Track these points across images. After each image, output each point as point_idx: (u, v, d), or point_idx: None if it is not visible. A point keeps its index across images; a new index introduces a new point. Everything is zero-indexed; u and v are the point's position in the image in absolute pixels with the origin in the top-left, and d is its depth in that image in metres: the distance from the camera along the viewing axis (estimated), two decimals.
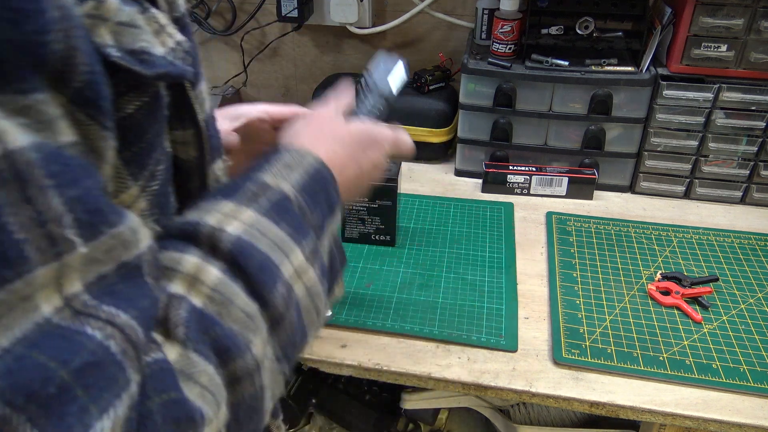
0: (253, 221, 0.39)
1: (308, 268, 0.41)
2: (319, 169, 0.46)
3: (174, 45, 0.36)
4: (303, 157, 0.46)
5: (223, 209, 0.39)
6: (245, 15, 1.26)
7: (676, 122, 1.01)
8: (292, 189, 0.43)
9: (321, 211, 0.45)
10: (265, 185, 0.42)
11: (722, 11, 0.95)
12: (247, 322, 0.36)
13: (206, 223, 0.38)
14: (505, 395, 0.72)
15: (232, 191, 0.41)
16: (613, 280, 0.87)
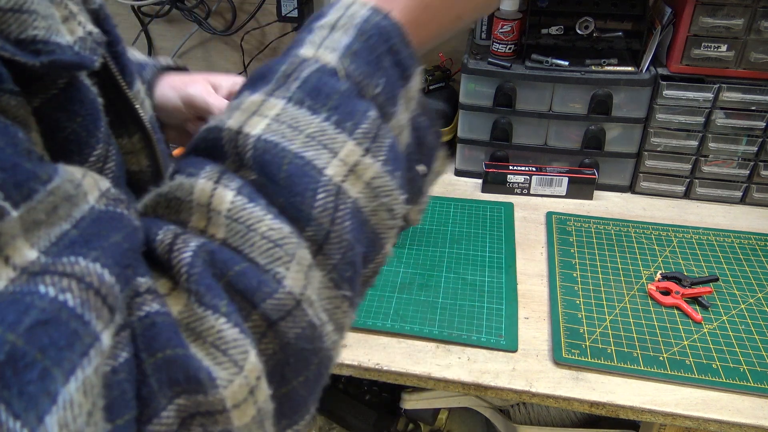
0: (281, 114, 0.32)
1: (366, 159, 0.32)
2: (375, 22, 0.35)
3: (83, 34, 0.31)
4: (349, 8, 0.36)
5: (247, 105, 0.33)
6: (245, 15, 1.26)
7: (676, 122, 1.01)
8: (338, 56, 0.34)
9: (386, 74, 0.35)
10: (300, 61, 0.34)
11: (722, 11, 0.95)
12: (275, 251, 0.29)
13: (227, 128, 0.32)
14: (505, 395, 0.72)
15: (261, 78, 0.34)
16: (613, 280, 0.87)
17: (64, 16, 0.31)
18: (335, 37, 0.34)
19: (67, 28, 0.30)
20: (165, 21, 1.32)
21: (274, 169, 0.30)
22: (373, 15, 0.35)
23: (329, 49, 0.34)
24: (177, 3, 1.25)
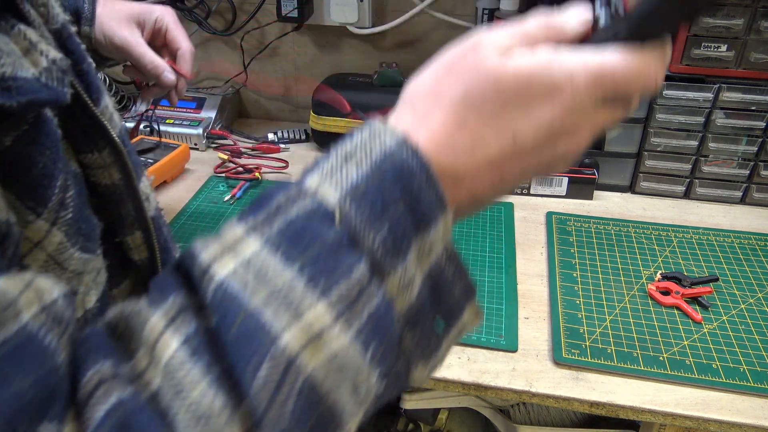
0: (253, 259, 0.27)
1: (335, 328, 0.27)
2: (399, 159, 0.29)
3: (48, 64, 0.31)
4: (375, 137, 0.30)
5: (228, 237, 0.29)
6: (245, 15, 1.26)
7: (676, 122, 1.01)
8: (341, 195, 0.28)
9: (395, 223, 0.29)
10: (298, 193, 0.29)
11: (722, 11, 0.95)
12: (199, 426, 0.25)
13: (200, 261, 0.28)
14: (505, 395, 0.72)
15: (255, 205, 0.30)
16: (613, 280, 0.87)
17: (25, 48, 0.30)
18: (346, 170, 0.29)
19: (29, 61, 0.30)
20: None
21: (228, 324, 0.26)
22: (399, 149, 0.29)
23: (334, 185, 0.29)
24: (177, 3, 1.25)
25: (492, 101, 0.31)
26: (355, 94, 1.16)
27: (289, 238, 0.28)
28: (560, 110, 0.31)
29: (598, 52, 0.31)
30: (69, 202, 0.32)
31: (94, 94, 0.36)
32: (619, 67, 0.30)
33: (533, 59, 0.31)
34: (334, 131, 1.18)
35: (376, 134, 0.30)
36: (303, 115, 1.37)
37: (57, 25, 0.35)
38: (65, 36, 0.35)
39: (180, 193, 1.08)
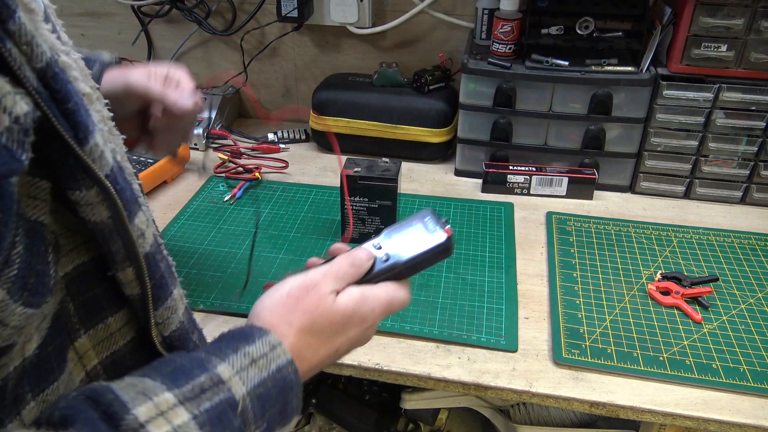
0: (182, 427, 0.36)
1: None
2: (286, 374, 0.43)
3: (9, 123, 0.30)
4: (274, 351, 0.43)
5: (159, 401, 0.36)
6: (245, 15, 1.26)
7: (676, 122, 1.01)
8: (245, 392, 0.40)
9: (269, 421, 0.42)
10: (218, 380, 0.39)
11: (722, 11, 0.95)
12: None
13: (134, 415, 0.35)
14: (505, 395, 0.72)
15: (180, 378, 0.38)
16: (613, 280, 0.87)
17: None
18: (251, 372, 0.41)
19: None
20: (165, 21, 1.32)
21: None
22: (287, 366, 0.43)
23: (242, 382, 0.40)
24: (177, 3, 1.25)
25: (327, 330, 0.48)
26: (355, 94, 1.16)
27: (210, 419, 0.38)
28: (365, 329, 0.51)
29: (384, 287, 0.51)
30: (15, 259, 0.32)
31: (81, 133, 0.35)
32: (398, 296, 0.51)
33: (351, 300, 0.49)
34: (334, 131, 1.18)
35: (276, 349, 0.44)
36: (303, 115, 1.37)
37: (41, 64, 0.33)
38: (50, 75, 0.34)
39: (180, 193, 1.08)
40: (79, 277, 0.39)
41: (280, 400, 0.42)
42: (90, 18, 1.35)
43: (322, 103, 1.17)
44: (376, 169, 0.90)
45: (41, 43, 0.33)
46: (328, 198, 1.06)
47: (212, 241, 0.95)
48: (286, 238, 0.96)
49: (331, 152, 1.22)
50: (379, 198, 0.90)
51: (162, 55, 1.37)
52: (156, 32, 1.35)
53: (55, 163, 0.35)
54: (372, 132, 1.16)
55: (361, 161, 0.92)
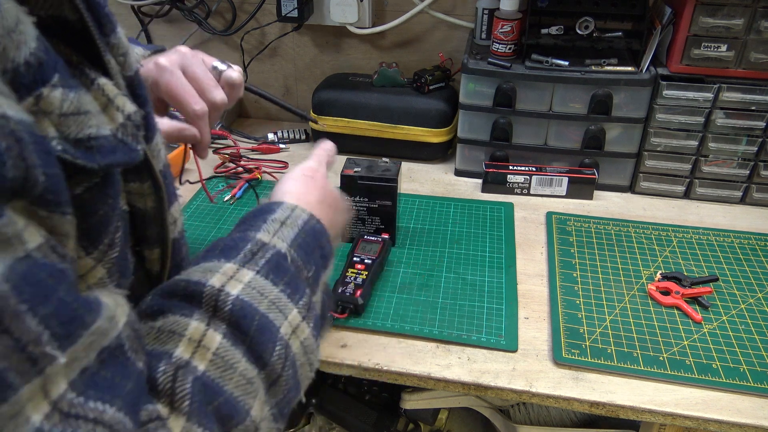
0: (252, 282, 0.42)
1: (303, 324, 0.44)
2: (312, 224, 0.50)
3: (123, 120, 0.35)
4: (295, 212, 0.50)
5: (225, 270, 0.42)
6: (245, 15, 1.26)
7: (676, 122, 1.01)
8: (287, 246, 0.46)
9: (315, 263, 0.48)
10: (262, 244, 0.45)
11: (722, 11, 0.95)
12: (247, 386, 0.38)
13: (211, 285, 0.40)
14: (505, 395, 0.72)
15: (232, 251, 0.44)
16: (613, 280, 0.87)
17: (103, 104, 0.34)
18: (285, 231, 0.47)
19: (107, 117, 0.34)
20: (165, 21, 1.32)
21: (248, 322, 0.40)
22: (311, 219, 0.50)
23: (281, 239, 0.46)
24: (177, 3, 1.25)
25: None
26: (355, 94, 1.16)
27: (271, 269, 0.44)
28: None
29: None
30: (117, 242, 0.36)
31: (150, 131, 0.40)
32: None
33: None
34: (334, 131, 1.18)
35: (295, 210, 0.50)
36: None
37: (131, 72, 0.38)
38: (136, 83, 0.38)
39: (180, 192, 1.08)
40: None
41: (316, 245, 0.49)
42: None
43: (322, 103, 1.17)
44: (376, 169, 0.90)
45: (132, 54, 0.37)
46: None
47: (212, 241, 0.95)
48: None
49: None
50: (379, 198, 0.90)
51: None
52: (156, 32, 1.35)
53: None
54: (372, 132, 1.16)
55: (361, 161, 0.92)
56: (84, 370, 0.29)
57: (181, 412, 0.34)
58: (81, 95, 0.32)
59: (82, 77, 0.33)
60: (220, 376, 0.37)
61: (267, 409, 0.40)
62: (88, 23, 0.33)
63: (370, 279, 0.82)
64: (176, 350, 0.37)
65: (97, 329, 0.30)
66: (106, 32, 0.35)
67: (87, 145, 0.32)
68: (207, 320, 0.39)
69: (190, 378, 0.36)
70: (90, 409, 0.28)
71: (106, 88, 0.34)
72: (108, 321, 0.31)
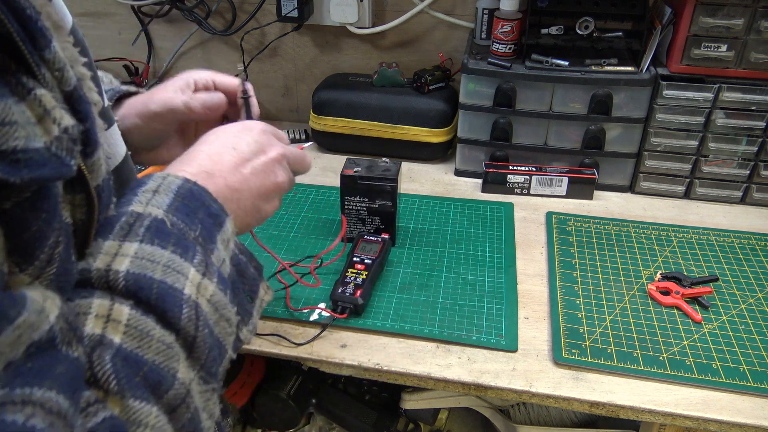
0: (138, 252, 0.40)
1: (205, 281, 0.42)
2: (187, 187, 0.47)
3: (59, 133, 0.33)
4: (165, 179, 0.47)
5: (105, 249, 0.40)
6: (245, 15, 1.26)
7: (676, 122, 1.01)
8: (163, 211, 0.44)
9: (203, 224, 0.46)
10: (137, 215, 0.43)
11: (722, 11, 0.95)
12: (168, 351, 0.38)
13: (96, 268, 0.39)
14: (505, 395, 0.72)
15: (108, 229, 0.42)
16: (613, 280, 0.87)
17: (39, 116, 0.32)
18: (158, 198, 0.45)
19: (42, 129, 0.32)
20: (165, 21, 1.32)
21: (147, 293, 0.38)
22: (185, 183, 0.47)
23: (155, 206, 0.44)
24: (177, 3, 1.25)
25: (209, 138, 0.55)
26: (355, 94, 1.16)
27: (154, 234, 0.42)
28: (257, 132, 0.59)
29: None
30: (56, 257, 0.35)
31: (90, 148, 0.39)
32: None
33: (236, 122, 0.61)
34: (334, 131, 1.18)
35: (167, 178, 0.47)
36: (303, 115, 1.37)
37: (69, 88, 0.36)
38: (75, 97, 0.37)
39: None
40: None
41: (198, 205, 0.46)
42: (90, 18, 1.35)
43: (322, 103, 1.17)
44: (376, 169, 0.90)
45: (70, 70, 0.36)
46: (328, 198, 1.06)
47: None
48: (286, 238, 0.96)
49: (331, 152, 1.22)
50: (379, 198, 0.90)
51: (162, 55, 1.37)
52: (156, 32, 1.35)
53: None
54: (372, 132, 1.16)
55: (361, 161, 0.92)
56: (9, 364, 0.28)
57: (113, 392, 0.34)
58: (9, 105, 0.31)
59: (18, 86, 0.32)
60: (138, 346, 0.37)
61: (193, 372, 0.40)
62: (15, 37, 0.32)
63: (370, 279, 0.82)
64: (85, 329, 0.36)
65: (24, 323, 0.29)
66: (40, 46, 0.34)
67: (12, 158, 0.30)
68: (109, 296, 0.38)
69: (108, 356, 0.35)
70: (16, 394, 0.28)
71: (44, 99, 0.33)
72: (36, 314, 0.30)
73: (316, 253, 0.91)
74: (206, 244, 0.45)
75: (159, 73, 1.39)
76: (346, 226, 0.93)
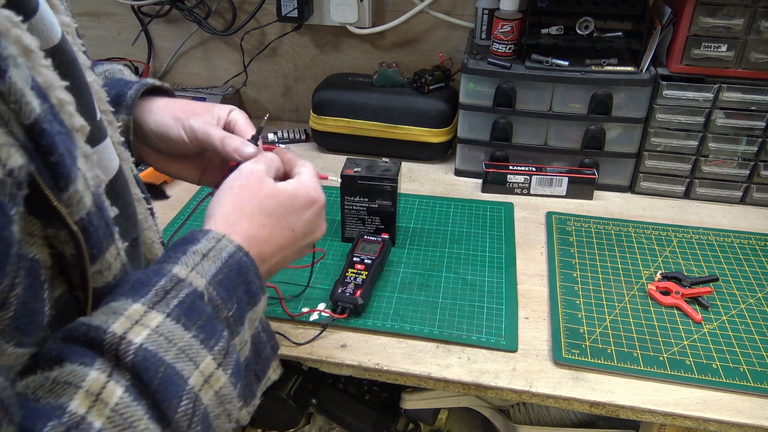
0: (160, 327, 0.39)
1: (218, 371, 0.41)
2: (238, 258, 0.46)
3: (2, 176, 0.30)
4: (220, 243, 0.46)
5: (130, 313, 0.39)
6: (245, 15, 1.26)
7: (676, 122, 1.01)
8: (206, 283, 0.43)
9: (238, 302, 0.44)
10: (177, 280, 0.42)
11: (722, 11, 0.95)
12: None
13: (112, 331, 0.37)
14: (505, 395, 0.72)
15: (141, 289, 0.40)
16: (613, 280, 0.87)
17: None
18: (205, 265, 0.44)
19: None
20: (165, 21, 1.32)
21: (151, 375, 0.37)
22: (237, 252, 0.46)
23: (200, 275, 0.43)
24: (177, 3, 1.25)
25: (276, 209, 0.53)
26: (355, 94, 1.16)
27: (183, 312, 0.40)
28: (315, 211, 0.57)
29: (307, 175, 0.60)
30: (12, 301, 0.33)
31: (62, 182, 0.35)
32: (312, 170, 0.61)
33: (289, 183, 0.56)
34: (334, 131, 1.18)
35: (220, 241, 0.46)
36: (303, 115, 1.37)
37: (29, 121, 0.33)
38: (37, 131, 0.34)
39: (180, 193, 1.08)
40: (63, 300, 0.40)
41: (240, 281, 0.45)
42: (90, 18, 1.35)
43: (322, 103, 1.17)
44: (376, 169, 0.90)
45: (30, 101, 0.33)
46: (328, 198, 1.05)
47: None
48: None
49: (331, 152, 1.22)
50: (379, 198, 0.90)
51: (162, 55, 1.37)
52: (156, 32, 1.35)
53: (35, 204, 0.35)
54: (372, 132, 1.16)
55: (361, 161, 0.92)
56: None
57: None
58: None
59: None
60: None
61: None
62: None
63: (370, 279, 0.82)
64: (71, 404, 0.34)
65: None
66: None
67: None
68: (109, 370, 0.36)
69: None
70: None
71: None
72: None
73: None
74: (235, 326, 0.44)
75: (159, 73, 1.39)
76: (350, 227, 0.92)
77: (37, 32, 0.38)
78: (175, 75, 1.39)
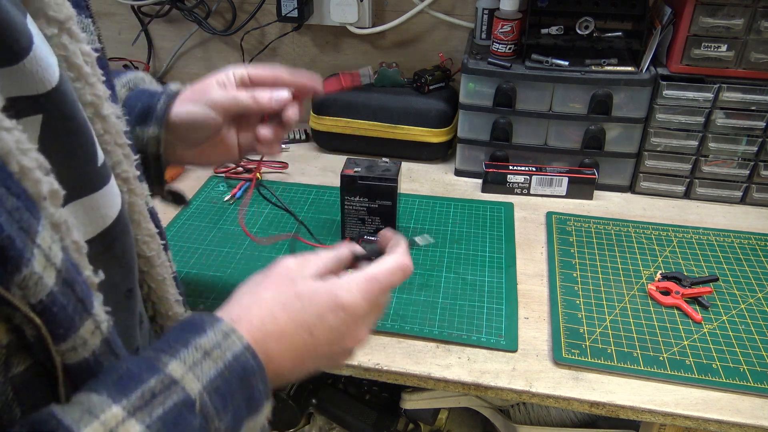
0: None
1: None
2: (243, 361, 0.40)
3: None
4: (227, 341, 0.41)
5: (107, 418, 0.34)
6: (245, 15, 1.26)
7: (676, 122, 1.01)
8: (201, 388, 0.38)
9: (235, 411, 0.39)
10: (170, 382, 0.37)
11: (722, 11, 0.95)
12: None
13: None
14: (505, 395, 0.72)
15: (128, 385, 0.36)
16: (613, 280, 0.87)
17: None
18: (205, 366, 0.39)
19: None
20: (165, 21, 1.32)
21: None
22: (243, 353, 0.41)
23: (196, 378, 0.38)
24: (177, 3, 1.25)
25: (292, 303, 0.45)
26: (355, 94, 1.16)
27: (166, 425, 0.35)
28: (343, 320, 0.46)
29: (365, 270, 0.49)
30: None
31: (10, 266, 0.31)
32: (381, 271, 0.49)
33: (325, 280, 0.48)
34: (334, 131, 1.18)
35: (229, 337, 0.41)
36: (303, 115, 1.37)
37: None
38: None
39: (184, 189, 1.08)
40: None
41: (242, 388, 0.40)
42: None
43: (322, 103, 1.17)
44: (376, 169, 0.90)
45: None
46: (328, 198, 1.06)
47: (212, 241, 0.95)
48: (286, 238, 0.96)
49: (331, 152, 1.22)
50: (379, 198, 0.90)
51: (162, 55, 1.37)
52: (156, 32, 1.35)
53: None
54: (372, 132, 1.16)
55: (361, 161, 0.92)
56: None
57: None
58: None
59: None
60: None
61: None
62: None
63: None
64: None
65: None
66: None
67: None
68: None
69: None
70: None
71: None
72: None
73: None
74: None
75: (159, 73, 1.39)
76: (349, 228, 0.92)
77: (30, 74, 0.34)
78: (175, 75, 1.39)
